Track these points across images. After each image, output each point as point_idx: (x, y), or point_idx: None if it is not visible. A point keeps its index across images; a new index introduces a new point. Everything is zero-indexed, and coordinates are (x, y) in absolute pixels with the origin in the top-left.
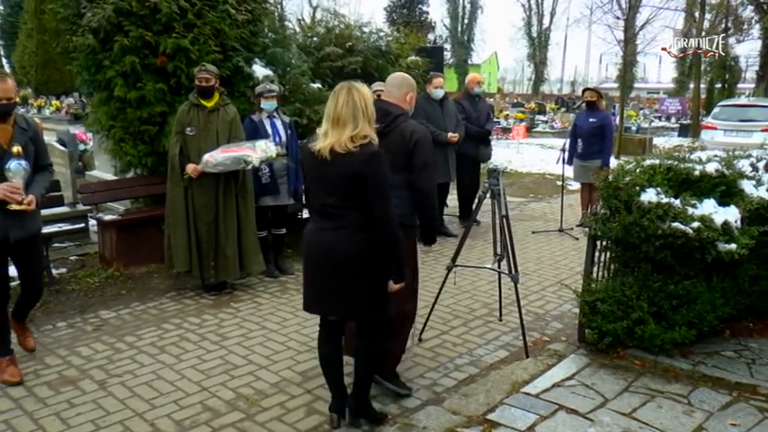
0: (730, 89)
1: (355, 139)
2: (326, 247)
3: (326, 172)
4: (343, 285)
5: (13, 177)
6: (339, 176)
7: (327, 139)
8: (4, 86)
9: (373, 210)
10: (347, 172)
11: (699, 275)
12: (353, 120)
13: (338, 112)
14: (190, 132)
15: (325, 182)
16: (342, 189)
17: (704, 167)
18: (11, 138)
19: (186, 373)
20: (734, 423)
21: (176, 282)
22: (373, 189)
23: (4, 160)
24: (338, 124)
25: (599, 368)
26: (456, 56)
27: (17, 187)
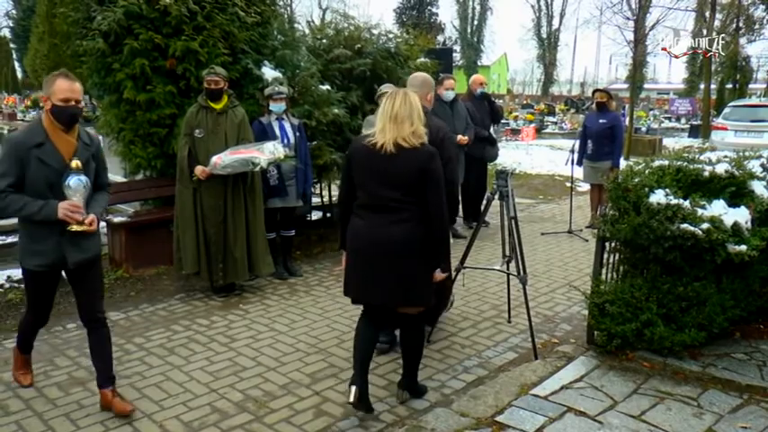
0: (741, 89)
1: (416, 136)
2: (391, 237)
3: (390, 166)
4: (398, 275)
5: (73, 195)
6: (405, 171)
7: (387, 134)
8: (72, 87)
9: (430, 204)
10: (413, 167)
11: (708, 277)
12: (410, 118)
13: (396, 111)
14: (198, 134)
15: (388, 176)
16: (406, 183)
17: (714, 168)
18: (74, 152)
19: (195, 374)
20: (744, 426)
21: (185, 283)
22: (433, 185)
23: (64, 175)
24: (396, 121)
25: (608, 370)
26: (465, 57)
27: (77, 206)
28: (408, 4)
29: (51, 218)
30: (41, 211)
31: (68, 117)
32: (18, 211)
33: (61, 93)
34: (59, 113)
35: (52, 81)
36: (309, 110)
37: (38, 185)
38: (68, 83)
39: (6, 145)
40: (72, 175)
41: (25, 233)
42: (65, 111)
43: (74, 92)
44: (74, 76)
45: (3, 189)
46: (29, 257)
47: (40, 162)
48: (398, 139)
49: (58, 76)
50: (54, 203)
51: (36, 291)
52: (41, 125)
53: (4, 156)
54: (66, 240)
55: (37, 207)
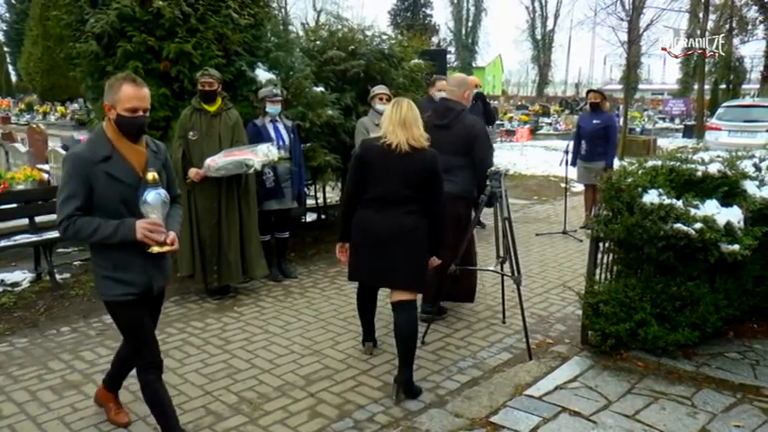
0: (735, 90)
1: (423, 138)
2: (401, 226)
3: (404, 166)
4: (409, 260)
5: (152, 211)
6: (416, 170)
7: (399, 136)
8: (140, 94)
9: (433, 200)
10: (425, 167)
11: (702, 276)
12: (416, 123)
13: (404, 116)
14: (192, 137)
15: (403, 175)
16: (417, 181)
17: (706, 168)
18: (146, 162)
19: (189, 377)
20: (738, 425)
21: (180, 286)
22: (437, 184)
23: (140, 190)
24: (405, 125)
25: (602, 370)
26: (460, 59)
27: (157, 223)
28: (402, 5)
29: (129, 239)
30: (117, 232)
31: (136, 129)
32: (90, 235)
33: (128, 101)
34: (126, 125)
35: (117, 87)
36: (303, 111)
37: (110, 205)
38: (135, 89)
39: (69, 163)
40: (149, 190)
41: (103, 260)
42: (132, 122)
43: (141, 99)
44: (141, 81)
45: (71, 213)
46: (113, 287)
47: (110, 178)
48: (410, 140)
49: (123, 81)
50: (130, 222)
51: (133, 323)
52: (105, 136)
53: (68, 175)
54: (150, 263)
55: (111, 229)
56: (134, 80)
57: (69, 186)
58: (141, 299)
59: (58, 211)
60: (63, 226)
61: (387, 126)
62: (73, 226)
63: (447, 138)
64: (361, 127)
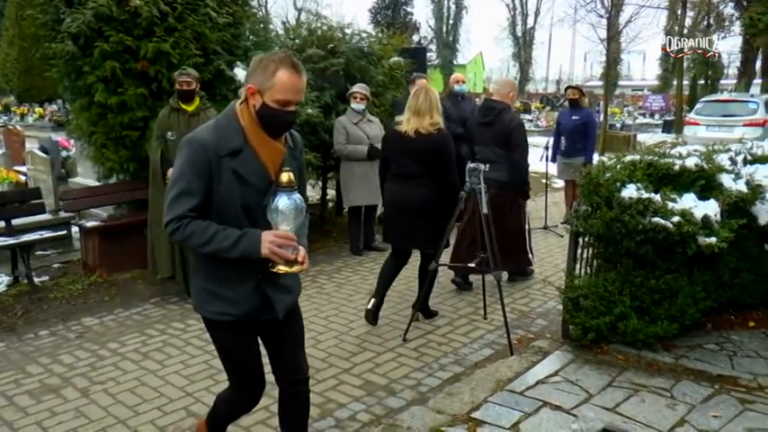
0: (713, 85)
1: (432, 125)
2: (411, 197)
3: (412, 147)
4: (422, 227)
5: (282, 221)
6: (423, 150)
7: (411, 123)
8: (297, 84)
9: (444, 173)
10: (429, 147)
11: (680, 269)
12: (429, 112)
13: (419, 106)
14: (171, 137)
15: (411, 153)
16: (425, 159)
17: (684, 162)
18: (282, 162)
19: (170, 378)
20: (716, 415)
21: (160, 288)
22: (445, 159)
23: (270, 194)
24: (419, 114)
25: (583, 364)
26: (441, 56)
27: (289, 237)
28: (383, 3)
29: (253, 255)
30: (238, 245)
31: (282, 126)
32: (203, 244)
33: (281, 91)
34: (271, 119)
35: (272, 70)
36: None
37: (228, 209)
38: (294, 78)
39: (187, 150)
40: (281, 194)
41: (206, 268)
42: (280, 117)
43: (298, 92)
44: (302, 67)
45: (182, 214)
46: (209, 301)
47: (236, 176)
48: (419, 128)
49: (280, 65)
50: (256, 234)
51: (229, 349)
52: (238, 123)
53: (185, 165)
54: (268, 282)
55: (231, 240)
56: (294, 66)
57: (185, 180)
58: (245, 322)
59: (167, 208)
60: (171, 227)
61: (405, 112)
62: (183, 230)
63: (490, 133)
64: (340, 126)
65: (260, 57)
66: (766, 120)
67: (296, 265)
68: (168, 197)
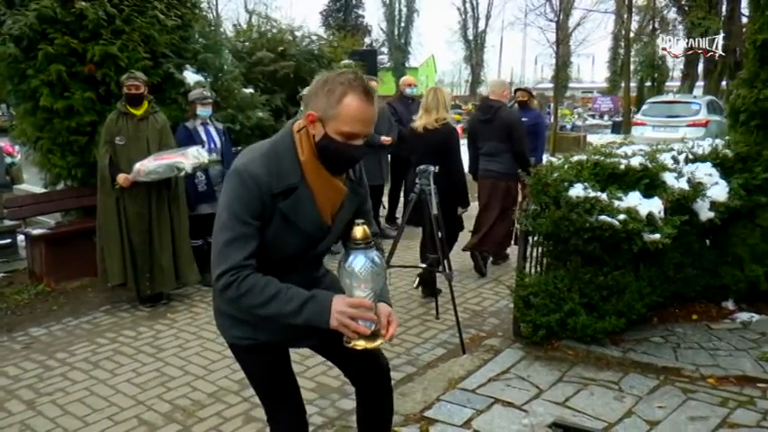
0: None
1: (438, 121)
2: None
3: (422, 141)
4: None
5: (358, 287)
6: (431, 144)
7: (421, 120)
8: (368, 114)
9: (451, 163)
10: (436, 141)
11: (627, 266)
12: (436, 108)
13: (428, 104)
14: (119, 142)
15: (422, 148)
16: (433, 151)
17: (629, 162)
18: (341, 204)
19: (121, 387)
20: (661, 405)
21: (111, 295)
22: (452, 151)
23: (346, 254)
24: (428, 111)
25: (534, 360)
26: (393, 59)
27: (366, 306)
28: (334, 6)
29: (320, 325)
30: (302, 310)
31: (347, 162)
32: (261, 305)
33: (349, 121)
34: (333, 154)
35: (338, 94)
36: (233, 114)
37: (268, 257)
38: (364, 106)
39: (238, 182)
40: (356, 254)
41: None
42: (344, 152)
43: (368, 123)
44: (374, 93)
45: (239, 263)
46: (232, 324)
47: (284, 220)
48: (427, 125)
49: (349, 89)
50: (325, 301)
51: (260, 377)
52: (295, 154)
53: (235, 202)
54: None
55: (295, 304)
56: (366, 92)
57: (238, 221)
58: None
59: (218, 256)
60: (225, 281)
61: (420, 110)
62: (239, 285)
63: (490, 129)
64: None
65: (325, 77)
66: (708, 120)
67: (377, 339)
68: (218, 242)
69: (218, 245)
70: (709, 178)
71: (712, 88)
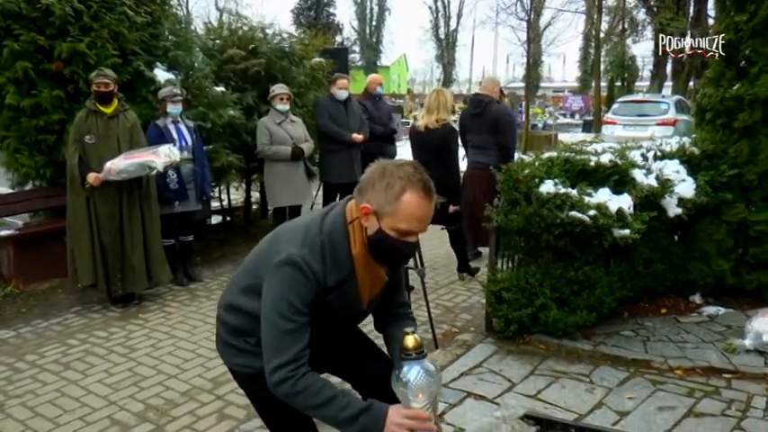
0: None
1: (438, 121)
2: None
3: (424, 139)
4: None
5: (414, 398)
6: (431, 141)
7: (423, 120)
8: (428, 212)
9: (446, 160)
10: (435, 138)
11: (597, 261)
12: (437, 109)
13: (429, 105)
14: (89, 140)
15: (424, 145)
16: (433, 149)
17: (599, 158)
18: (379, 290)
19: (93, 388)
20: (630, 396)
21: (81, 296)
22: (449, 150)
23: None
24: (429, 112)
25: (506, 355)
26: (365, 58)
27: (424, 417)
28: (305, 4)
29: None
30: (356, 420)
31: (399, 258)
32: (315, 407)
33: (407, 219)
34: (387, 250)
35: (397, 190)
36: (204, 112)
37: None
38: (424, 203)
39: (295, 272)
40: (411, 365)
41: (234, 330)
42: (398, 249)
43: (424, 221)
44: (432, 188)
45: (296, 357)
46: (237, 356)
47: (328, 309)
48: (429, 124)
49: (408, 185)
50: (381, 412)
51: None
52: (349, 248)
53: (290, 293)
54: None
55: (349, 413)
56: (426, 189)
57: (297, 312)
58: None
59: (274, 347)
60: (281, 375)
61: (423, 110)
62: (296, 382)
63: (480, 123)
64: (263, 127)
65: (383, 167)
66: (676, 119)
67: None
68: (273, 332)
69: (272, 335)
70: (676, 175)
71: (680, 88)
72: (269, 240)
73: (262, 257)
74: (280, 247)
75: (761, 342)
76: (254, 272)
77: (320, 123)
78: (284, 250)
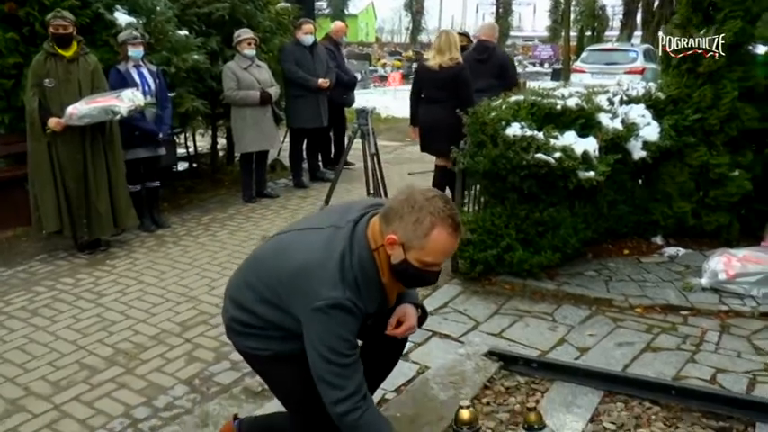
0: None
1: (451, 60)
2: (437, 115)
3: (437, 77)
4: (439, 136)
5: None
6: (445, 79)
7: (435, 60)
8: (454, 247)
9: (465, 95)
10: (449, 76)
11: (562, 203)
12: (449, 50)
13: (440, 46)
14: (49, 84)
15: (437, 83)
16: (446, 86)
17: (566, 102)
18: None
19: (61, 333)
20: (591, 333)
21: (47, 243)
22: (466, 84)
23: None
24: (440, 52)
25: (471, 295)
26: (332, 5)
27: None
28: None
29: None
30: None
31: (422, 284)
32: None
33: (434, 254)
34: (412, 278)
35: (427, 226)
36: (167, 56)
37: None
38: (452, 239)
39: (344, 312)
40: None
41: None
42: (423, 277)
43: (450, 254)
44: (460, 222)
45: (357, 388)
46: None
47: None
48: (442, 63)
49: (439, 222)
50: None
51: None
52: (378, 279)
53: (345, 329)
54: None
55: None
56: (455, 226)
57: (353, 346)
58: None
59: (334, 383)
60: (350, 405)
61: (432, 50)
62: (364, 414)
63: (485, 68)
64: (229, 72)
65: (413, 200)
66: (645, 68)
67: None
68: (329, 368)
69: (331, 371)
70: (642, 119)
71: (649, 37)
72: (295, 270)
73: (290, 288)
74: (318, 290)
75: (716, 280)
76: (276, 292)
77: (286, 69)
78: (326, 294)
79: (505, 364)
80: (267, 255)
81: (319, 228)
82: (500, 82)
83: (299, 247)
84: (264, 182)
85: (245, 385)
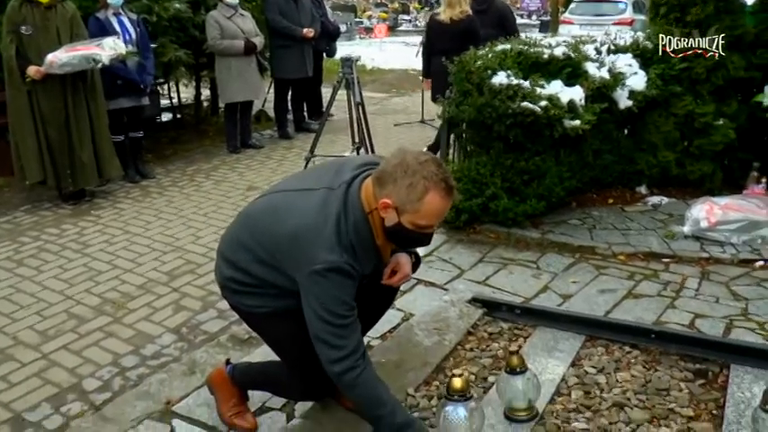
0: None
1: (462, 13)
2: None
3: (448, 30)
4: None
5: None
6: (457, 32)
7: (446, 13)
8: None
9: (474, 45)
10: (460, 29)
11: (548, 151)
12: (459, 3)
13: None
14: (26, 31)
15: (448, 35)
16: (457, 39)
17: (552, 51)
18: None
19: (48, 283)
20: (574, 281)
21: (30, 194)
22: (473, 36)
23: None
24: (451, 6)
25: (456, 244)
26: None
27: None
28: None
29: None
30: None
31: (416, 244)
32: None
33: (427, 217)
34: (405, 239)
35: (420, 190)
36: (148, 4)
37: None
38: (445, 201)
39: (341, 276)
40: (455, 406)
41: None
42: (416, 239)
43: (443, 215)
44: (454, 185)
45: (359, 346)
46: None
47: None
48: (453, 16)
49: (432, 185)
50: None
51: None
52: (372, 240)
53: (342, 292)
54: None
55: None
56: (448, 189)
57: (351, 307)
58: None
59: (331, 343)
60: (348, 364)
61: (442, 5)
62: (362, 373)
63: (485, 18)
64: (212, 20)
65: (406, 164)
66: (633, 19)
67: None
68: (326, 328)
69: (329, 331)
70: (629, 68)
71: None
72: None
73: (286, 251)
74: (315, 254)
75: (698, 228)
76: (271, 253)
77: (270, 18)
78: (323, 257)
79: (489, 311)
80: (260, 215)
81: (312, 189)
82: (500, 32)
83: (294, 211)
84: (249, 132)
85: (232, 333)
